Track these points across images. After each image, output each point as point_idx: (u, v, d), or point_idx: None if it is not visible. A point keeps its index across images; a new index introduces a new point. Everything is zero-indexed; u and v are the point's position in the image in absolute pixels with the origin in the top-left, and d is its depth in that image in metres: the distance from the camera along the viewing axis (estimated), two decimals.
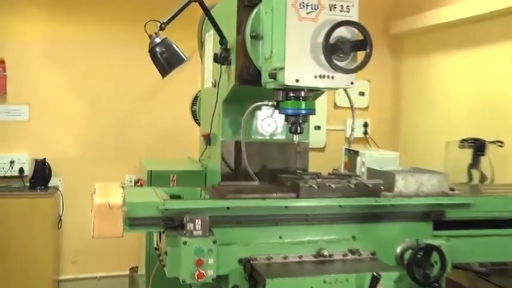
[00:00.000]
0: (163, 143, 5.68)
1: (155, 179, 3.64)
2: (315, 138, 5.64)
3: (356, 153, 5.14)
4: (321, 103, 5.50)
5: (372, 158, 4.96)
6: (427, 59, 5.87)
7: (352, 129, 3.22)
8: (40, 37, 5.48)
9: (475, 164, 4.48)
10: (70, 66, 5.55)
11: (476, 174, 4.47)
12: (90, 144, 5.63)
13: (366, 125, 6.31)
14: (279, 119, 3.20)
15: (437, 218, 2.74)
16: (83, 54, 5.55)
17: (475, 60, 5.18)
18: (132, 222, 2.35)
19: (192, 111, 4.42)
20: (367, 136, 6.31)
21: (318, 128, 6.06)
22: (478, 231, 2.81)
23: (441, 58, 5.64)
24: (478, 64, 5.15)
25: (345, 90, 2.90)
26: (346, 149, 5.51)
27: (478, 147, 4.49)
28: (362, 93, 6.31)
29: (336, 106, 6.17)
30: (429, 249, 2.52)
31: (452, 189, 2.85)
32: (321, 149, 6.20)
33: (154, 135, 5.73)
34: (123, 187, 2.47)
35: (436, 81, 5.72)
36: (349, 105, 3.08)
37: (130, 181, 5.29)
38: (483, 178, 4.47)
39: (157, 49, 2.98)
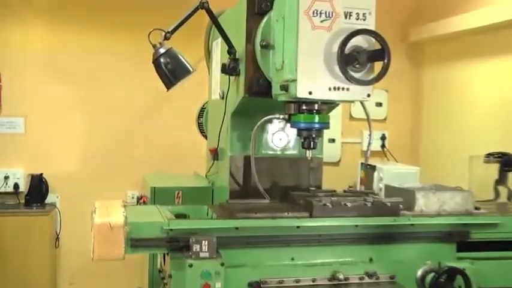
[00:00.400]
0: (167, 157, 5.69)
1: (159, 196, 3.65)
2: (329, 151, 5.64)
3: (373, 168, 5.12)
4: (336, 114, 5.46)
5: (390, 173, 4.93)
6: (449, 67, 5.87)
7: (369, 143, 3.22)
8: (39, 47, 5.52)
9: (502, 180, 4.44)
10: (70, 78, 5.58)
11: (503, 191, 4.44)
12: (89, 158, 5.65)
13: (383, 137, 6.30)
14: (291, 133, 3.21)
15: (461, 238, 2.73)
16: (84, 65, 5.58)
17: (501, 69, 5.17)
18: (135, 243, 2.36)
19: (198, 124, 4.44)
20: (385, 149, 6.30)
21: (332, 140, 6.06)
22: (506, 254, 2.80)
23: (465, 67, 5.63)
24: (504, 73, 5.14)
25: (362, 102, 2.90)
26: (362, 163, 5.50)
27: (505, 162, 4.45)
28: (379, 104, 6.30)
29: (351, 117, 6.17)
30: (453, 272, 2.52)
31: (477, 208, 2.85)
32: (336, 163, 6.20)
33: (158, 150, 5.74)
34: (124, 206, 2.48)
35: (459, 91, 5.71)
36: (365, 116, 3.08)
37: (133, 197, 5.30)
38: (511, 195, 4.44)
39: (162, 60, 2.99)
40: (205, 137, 4.20)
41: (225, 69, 3.02)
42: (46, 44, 5.53)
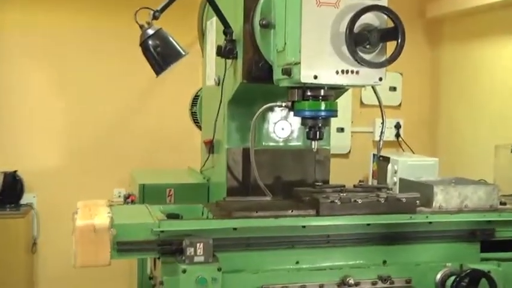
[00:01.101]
0: (158, 151, 5.71)
1: (148, 194, 3.67)
2: (338, 142, 5.65)
3: (387, 159, 5.14)
4: (345, 100, 5.51)
5: (405, 165, 4.96)
6: (471, 47, 5.87)
7: (382, 132, 3.21)
8: (12, 27, 5.51)
9: None
10: (48, 62, 5.58)
11: None
12: (71, 153, 5.66)
13: (398, 126, 6.31)
14: (295, 122, 3.22)
15: (485, 238, 2.74)
16: (64, 48, 5.58)
17: None
18: (122, 247, 2.36)
19: (191, 113, 4.44)
20: (400, 139, 6.31)
21: (341, 130, 6.07)
22: None
23: (488, 46, 5.63)
24: None
25: (373, 87, 2.90)
26: (374, 154, 5.51)
27: None
28: (393, 89, 6.31)
29: (362, 104, 6.18)
30: (476, 275, 2.53)
31: (503, 203, 2.86)
32: (345, 155, 6.21)
33: (148, 142, 5.75)
34: (110, 205, 2.49)
35: (482, 73, 5.71)
36: (377, 102, 3.08)
37: (120, 196, 5.30)
38: None
39: (150, 42, 2.99)
40: (200, 127, 4.20)
41: (220, 52, 3.02)
42: (20, 24, 5.51)
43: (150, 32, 2.99)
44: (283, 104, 2.73)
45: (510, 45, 5.38)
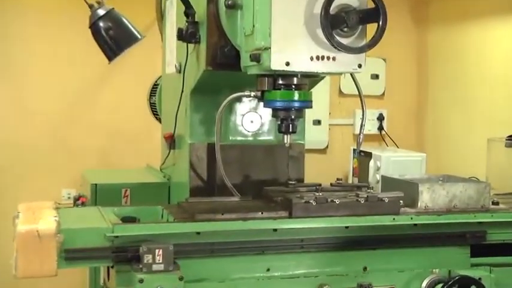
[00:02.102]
0: (113, 147, 5.66)
1: (101, 195, 3.64)
2: (314, 136, 5.66)
3: (368, 155, 5.17)
4: (321, 90, 5.54)
5: (389, 161, 4.99)
6: (462, 29, 5.90)
7: (362, 125, 3.23)
8: None
9: None
10: None
11: None
12: (11, 150, 5.57)
13: (381, 117, 6.34)
14: (265, 114, 3.22)
15: (476, 241, 2.77)
16: (5, 31, 5.50)
17: None
18: (70, 255, 2.35)
19: (150, 104, 4.42)
20: (383, 132, 6.34)
21: (317, 122, 6.09)
22: None
23: (480, 29, 5.67)
24: None
25: (352, 74, 2.92)
26: (354, 150, 5.54)
27: None
28: (376, 76, 6.33)
29: (341, 93, 6.20)
30: (466, 282, 2.56)
31: (495, 203, 2.89)
32: (322, 151, 6.22)
33: (101, 138, 5.70)
34: (57, 208, 2.47)
35: (473, 58, 5.75)
36: (357, 92, 3.10)
37: (69, 197, 5.26)
38: None
39: (102, 24, 2.98)
40: (159, 120, 4.19)
41: (181, 36, 3.01)
42: None
43: (101, 12, 2.98)
44: (252, 94, 2.74)
45: (502, 26, 5.42)
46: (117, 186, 3.68)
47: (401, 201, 2.73)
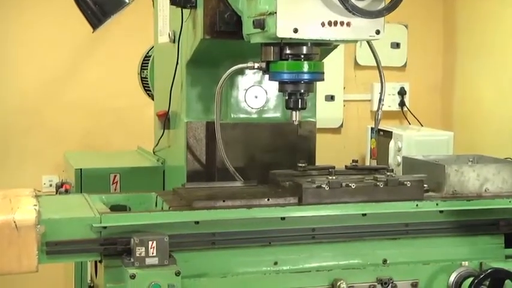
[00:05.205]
0: (99, 127, 5.67)
1: (88, 181, 3.66)
2: (326, 113, 5.67)
3: (388, 134, 5.18)
4: (335, 61, 5.53)
5: (411, 141, 5.00)
6: None
7: (381, 99, 3.23)
8: None
9: None
10: None
11: None
12: None
13: (402, 92, 6.33)
14: (271, 88, 3.22)
15: (510, 229, 2.78)
16: None
17: None
18: (53, 248, 2.36)
19: (141, 78, 4.42)
20: (405, 109, 6.34)
21: (330, 98, 6.08)
22: None
23: None
24: None
25: (369, 42, 2.91)
26: (372, 128, 5.54)
27: None
28: (396, 45, 6.32)
29: (357, 65, 6.19)
30: (499, 276, 2.56)
31: None
32: (336, 130, 6.22)
33: (87, 117, 5.70)
34: (37, 196, 2.48)
35: (509, 25, 5.73)
36: (375, 63, 3.10)
37: (51, 184, 5.29)
38: None
39: None
40: (152, 97, 4.19)
41: (175, 0, 3.00)
42: None
43: None
44: (256, 66, 2.74)
45: None
46: (105, 171, 3.70)
47: (425, 185, 2.74)
